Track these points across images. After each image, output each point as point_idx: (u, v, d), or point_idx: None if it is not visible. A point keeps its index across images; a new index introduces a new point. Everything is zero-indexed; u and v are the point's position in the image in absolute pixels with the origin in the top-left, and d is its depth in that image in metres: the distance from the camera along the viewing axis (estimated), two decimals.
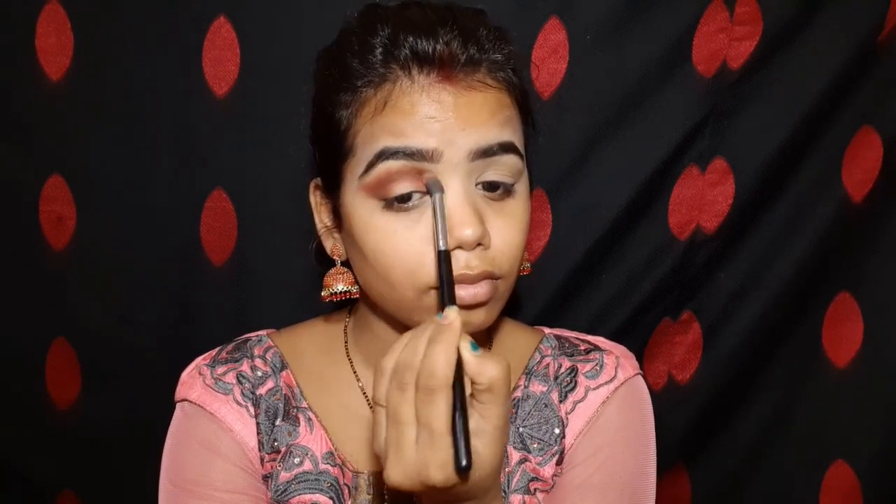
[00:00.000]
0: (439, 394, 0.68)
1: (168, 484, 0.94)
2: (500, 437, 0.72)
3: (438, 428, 0.68)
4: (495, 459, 0.72)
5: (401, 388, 0.70)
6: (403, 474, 0.70)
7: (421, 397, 0.69)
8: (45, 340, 1.26)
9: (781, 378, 1.29)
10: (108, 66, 1.19)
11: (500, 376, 0.70)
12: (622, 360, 1.01)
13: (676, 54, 1.20)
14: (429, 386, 0.68)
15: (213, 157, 1.21)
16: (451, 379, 0.69)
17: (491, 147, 0.83)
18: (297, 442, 0.95)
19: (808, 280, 1.25)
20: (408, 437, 0.70)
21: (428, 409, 0.68)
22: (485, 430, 0.70)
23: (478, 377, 0.70)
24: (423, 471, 0.68)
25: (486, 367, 0.70)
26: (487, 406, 0.70)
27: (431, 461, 0.68)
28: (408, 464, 0.69)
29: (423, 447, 0.69)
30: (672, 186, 1.24)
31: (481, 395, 0.70)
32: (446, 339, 0.70)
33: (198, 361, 1.00)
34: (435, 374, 0.68)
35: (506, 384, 0.71)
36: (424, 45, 0.82)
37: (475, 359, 0.70)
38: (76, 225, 1.22)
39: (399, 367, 0.71)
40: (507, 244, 0.85)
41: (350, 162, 0.86)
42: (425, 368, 0.69)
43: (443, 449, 0.68)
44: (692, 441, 1.31)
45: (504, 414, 0.71)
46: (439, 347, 0.69)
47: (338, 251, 0.94)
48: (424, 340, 0.71)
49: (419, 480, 0.69)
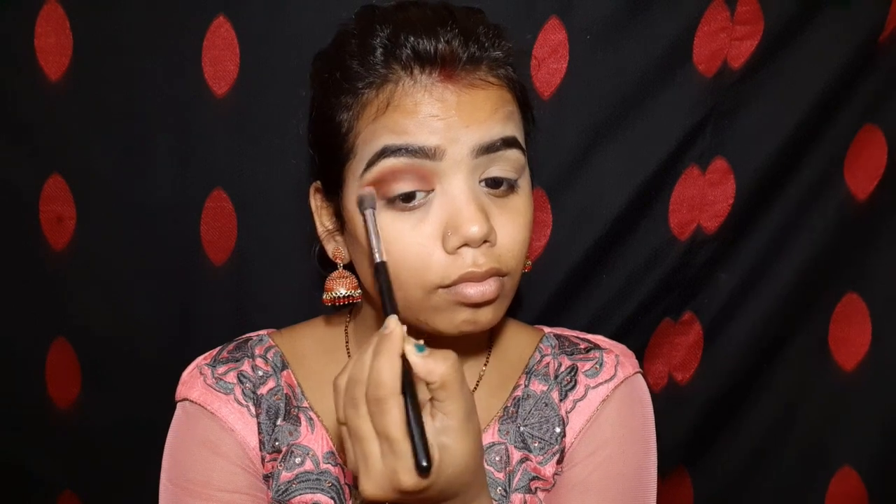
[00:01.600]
0: (389, 402, 0.69)
1: (168, 483, 0.94)
2: (468, 429, 0.73)
3: (395, 435, 0.69)
4: (468, 453, 0.73)
5: (354, 404, 0.72)
6: (376, 486, 0.71)
7: (372, 409, 0.70)
8: (45, 340, 1.25)
9: (785, 380, 1.28)
10: (107, 66, 1.19)
11: (449, 370, 0.71)
12: (622, 358, 1.01)
13: (677, 54, 1.20)
14: (377, 396, 0.70)
15: (213, 157, 1.21)
16: (399, 386, 0.70)
17: (494, 143, 0.84)
18: (299, 442, 0.95)
19: (810, 280, 1.25)
20: (372, 451, 0.71)
21: (381, 420, 0.70)
22: (450, 426, 0.72)
23: (428, 376, 0.71)
24: (394, 479, 0.70)
25: (435, 364, 0.71)
26: (445, 402, 0.72)
27: (398, 468, 0.69)
28: (377, 476, 0.71)
29: (387, 457, 0.70)
30: (672, 186, 1.23)
31: (437, 393, 0.72)
32: (388, 348, 0.72)
33: (198, 361, 1.00)
34: (381, 383, 0.70)
35: (456, 377, 0.72)
36: (426, 44, 0.82)
37: (422, 359, 0.72)
38: (76, 225, 1.22)
39: (349, 384, 0.73)
40: (512, 240, 0.86)
41: (351, 163, 0.86)
42: (371, 380, 0.70)
43: (405, 455, 0.69)
44: (694, 443, 1.31)
45: (464, 406, 0.72)
46: (382, 357, 0.71)
47: (340, 255, 0.94)
48: (370, 354, 0.72)
49: (392, 489, 0.71)
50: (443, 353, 0.72)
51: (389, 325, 0.74)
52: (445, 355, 0.72)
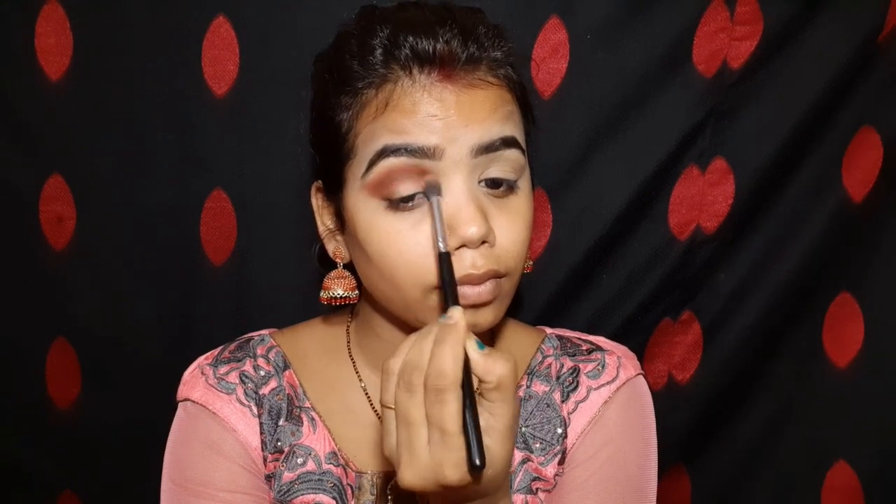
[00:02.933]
0: (449, 394, 0.68)
1: (170, 483, 0.94)
2: (510, 434, 0.72)
3: (450, 428, 0.68)
4: (506, 457, 0.72)
5: (409, 389, 0.71)
6: (418, 476, 0.70)
7: (430, 398, 0.69)
8: (45, 340, 1.25)
9: (782, 378, 1.29)
10: (107, 66, 1.19)
11: (508, 374, 0.71)
12: (624, 360, 1.01)
13: (677, 54, 1.20)
14: (438, 386, 0.69)
15: (213, 157, 1.21)
16: (460, 378, 0.69)
17: (493, 142, 0.84)
18: (301, 442, 0.95)
19: (808, 280, 1.25)
20: (420, 439, 0.70)
21: (439, 410, 0.69)
22: (495, 427, 0.71)
23: (486, 375, 0.70)
24: (438, 471, 0.69)
25: (494, 364, 0.70)
26: (496, 404, 0.71)
27: (446, 461, 0.68)
28: (422, 465, 0.70)
29: (436, 448, 0.69)
30: (672, 186, 1.24)
31: (490, 394, 0.71)
32: (453, 339, 0.70)
33: (200, 361, 1.00)
34: (443, 374, 0.68)
35: (513, 381, 0.71)
36: (425, 44, 0.82)
37: (482, 357, 0.71)
38: (76, 225, 1.22)
39: (406, 368, 0.71)
40: (511, 241, 0.85)
41: (351, 163, 0.86)
42: (433, 369, 0.69)
43: (456, 448, 0.68)
44: (692, 441, 1.32)
45: (513, 411, 0.72)
46: (446, 347, 0.69)
47: (340, 254, 0.94)
48: (430, 341, 0.71)
49: (434, 481, 0.70)
50: (504, 355, 0.71)
51: (454, 316, 0.72)
52: (506, 357, 0.71)
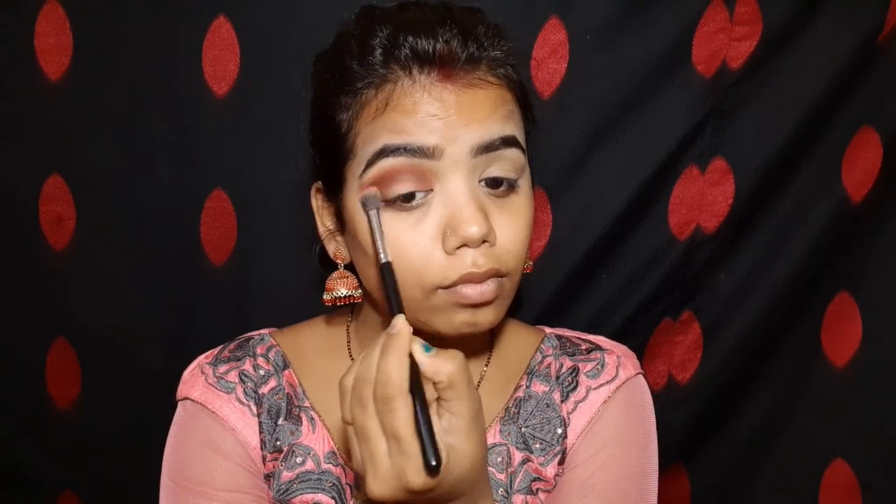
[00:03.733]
0: (397, 401, 0.69)
1: (170, 483, 0.94)
2: (474, 429, 0.73)
3: (403, 434, 0.69)
4: (474, 453, 0.73)
5: (361, 404, 0.72)
6: (384, 486, 0.71)
7: (381, 408, 0.70)
8: (45, 340, 1.25)
9: (781, 377, 1.29)
10: (107, 66, 1.18)
11: (456, 369, 0.71)
12: (623, 359, 1.01)
13: (676, 54, 1.20)
14: (385, 395, 0.70)
15: (213, 158, 1.21)
16: (407, 384, 0.70)
17: (493, 142, 0.84)
18: (300, 441, 0.95)
19: (807, 280, 1.25)
20: (379, 451, 0.71)
21: (390, 419, 0.70)
22: (457, 425, 0.72)
23: (435, 376, 0.72)
24: (402, 478, 0.70)
25: (443, 364, 0.72)
26: (453, 402, 0.72)
27: (406, 468, 0.69)
28: (385, 476, 0.71)
29: (395, 456, 0.70)
30: (672, 186, 1.24)
31: (444, 393, 0.72)
32: (396, 347, 0.71)
33: (199, 360, 1.00)
34: (389, 382, 0.70)
35: (463, 376, 0.72)
36: (424, 44, 0.82)
37: (429, 359, 0.72)
38: (76, 225, 1.22)
39: (357, 383, 0.73)
40: (512, 241, 0.85)
41: (351, 163, 0.86)
42: (380, 379, 0.70)
43: (413, 453, 0.69)
44: (692, 441, 1.32)
45: (471, 406, 0.72)
46: (391, 356, 0.71)
47: (341, 255, 0.94)
48: (377, 354, 0.72)
49: (400, 489, 0.70)
50: (450, 353, 0.73)
51: (397, 325, 0.74)
52: (453, 355, 0.72)
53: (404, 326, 0.73)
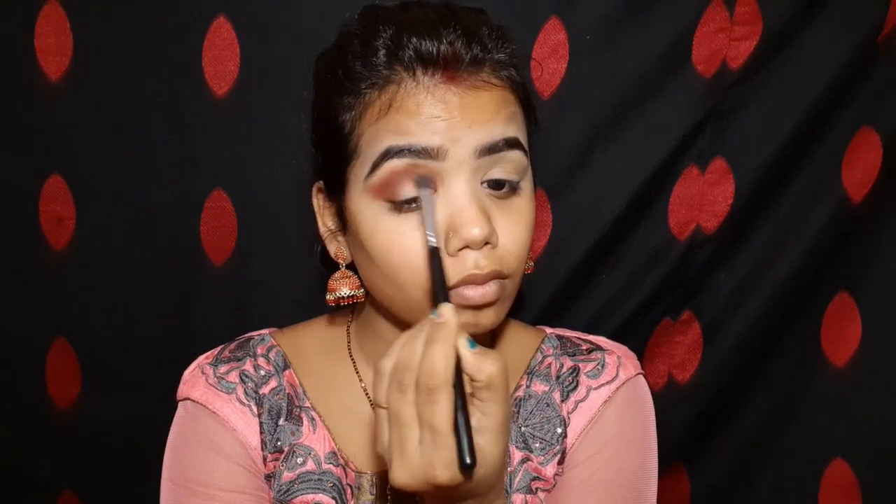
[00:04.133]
0: (440, 393, 0.68)
1: (170, 483, 0.94)
2: (503, 433, 0.72)
3: (441, 427, 0.68)
4: (499, 456, 0.72)
5: (401, 389, 0.71)
6: (409, 475, 0.70)
7: (422, 398, 0.69)
8: (45, 340, 1.25)
9: (781, 377, 1.29)
10: (107, 66, 1.19)
11: (498, 372, 0.70)
12: (624, 359, 1.01)
13: (676, 54, 1.20)
14: (429, 386, 0.68)
15: (213, 157, 1.21)
16: (452, 378, 0.69)
17: (496, 143, 0.84)
18: (300, 442, 0.95)
19: (807, 280, 1.25)
20: (411, 439, 0.70)
21: (430, 409, 0.68)
22: (487, 427, 0.71)
23: (476, 374, 0.70)
24: (429, 471, 0.69)
25: (484, 363, 0.70)
26: (487, 403, 0.71)
27: (436, 461, 0.68)
28: (413, 465, 0.69)
29: (427, 447, 0.69)
30: (672, 186, 1.24)
31: (480, 393, 0.71)
32: (444, 338, 0.70)
33: (200, 360, 1.00)
34: (435, 373, 0.68)
35: (504, 380, 0.71)
36: (428, 45, 0.82)
37: (473, 356, 0.71)
38: (76, 225, 1.22)
39: (398, 368, 0.71)
40: (513, 242, 0.85)
41: (354, 164, 0.86)
42: (425, 368, 0.69)
43: (447, 448, 0.68)
44: (692, 440, 1.32)
45: (505, 410, 0.72)
46: (438, 346, 0.69)
47: (342, 254, 0.94)
48: (422, 340, 0.71)
49: (425, 480, 0.69)
50: (494, 354, 0.71)
51: (445, 314, 0.72)
52: (496, 356, 0.71)
53: (453, 317, 0.72)
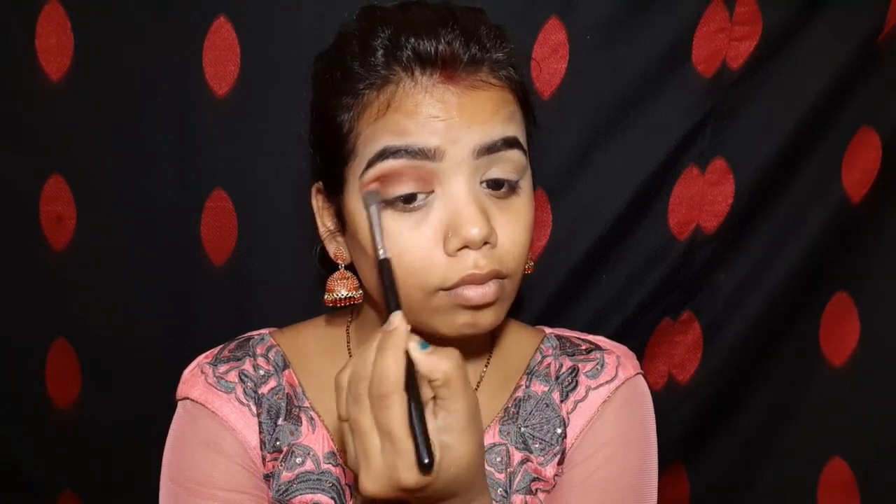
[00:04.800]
0: (392, 398, 0.69)
1: (169, 483, 0.94)
2: (471, 429, 0.72)
3: (397, 431, 0.69)
4: (470, 453, 0.72)
5: (356, 400, 0.72)
6: (376, 483, 0.71)
7: (375, 405, 0.70)
8: (45, 340, 1.25)
9: (780, 377, 1.29)
10: (108, 66, 1.18)
11: (453, 368, 0.71)
12: (623, 359, 1.01)
13: (676, 54, 1.20)
14: (381, 392, 0.70)
15: (213, 157, 1.21)
16: (402, 382, 0.70)
17: (495, 143, 0.84)
18: (300, 441, 0.95)
19: (806, 280, 1.25)
20: (373, 447, 0.71)
21: (384, 415, 0.69)
22: (452, 425, 0.71)
23: (431, 374, 0.71)
24: (394, 476, 0.69)
25: (439, 362, 0.71)
26: (448, 400, 0.71)
27: (399, 465, 0.69)
28: (378, 472, 0.70)
29: (388, 453, 0.70)
30: (672, 186, 1.24)
31: (440, 391, 0.71)
32: (393, 344, 0.71)
33: (199, 360, 1.00)
34: (385, 379, 0.69)
35: (460, 375, 0.72)
36: (426, 45, 0.82)
37: (426, 357, 0.72)
38: (76, 225, 1.22)
39: (353, 379, 0.73)
40: (513, 242, 0.85)
41: (352, 164, 0.86)
42: (375, 376, 0.70)
43: (406, 451, 0.69)
44: (691, 440, 1.32)
45: (468, 405, 0.72)
46: (387, 353, 0.71)
47: (341, 255, 0.94)
48: (373, 351, 0.72)
49: (392, 486, 0.70)
50: (447, 351, 0.72)
51: (394, 322, 0.73)
52: (449, 353, 0.72)
53: (401, 323, 0.73)
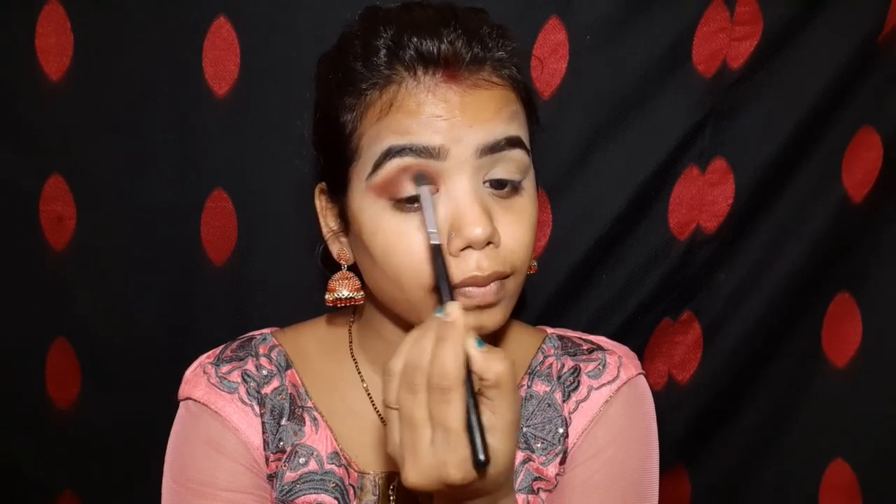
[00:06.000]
0: (453, 393, 0.68)
1: (172, 483, 0.94)
2: (513, 431, 0.72)
3: (454, 427, 0.68)
4: (509, 454, 0.73)
5: (412, 390, 0.71)
6: (422, 475, 0.70)
7: (434, 398, 0.69)
8: (45, 340, 1.25)
9: (781, 377, 1.29)
10: (108, 66, 1.19)
11: (506, 371, 0.71)
12: (625, 359, 1.01)
13: (676, 54, 1.20)
14: (441, 386, 0.69)
15: (213, 157, 1.21)
16: (463, 377, 0.69)
17: (498, 142, 0.84)
18: (303, 442, 0.95)
19: (807, 280, 1.25)
20: (424, 439, 0.70)
21: (442, 409, 0.69)
22: (497, 425, 0.71)
23: (485, 373, 0.70)
24: (442, 470, 0.69)
25: (493, 362, 0.70)
26: (496, 402, 0.71)
27: (450, 460, 0.69)
28: (425, 465, 0.70)
29: (440, 447, 0.69)
30: (672, 186, 1.24)
31: (489, 391, 0.71)
32: (453, 337, 0.70)
33: (202, 359, 0.99)
34: (446, 373, 0.68)
35: (512, 378, 0.71)
36: (429, 45, 0.82)
37: (482, 355, 0.71)
38: (76, 225, 1.22)
39: (408, 368, 0.71)
40: (516, 242, 0.85)
41: (356, 164, 0.86)
42: (436, 368, 0.69)
43: (460, 447, 0.68)
44: (692, 441, 1.32)
45: (514, 408, 0.72)
46: (447, 346, 0.69)
47: (344, 255, 0.94)
48: (430, 340, 0.71)
49: (438, 480, 0.70)
50: (501, 353, 0.71)
51: (452, 313, 0.71)
52: (504, 355, 0.71)
53: (461, 316, 0.71)
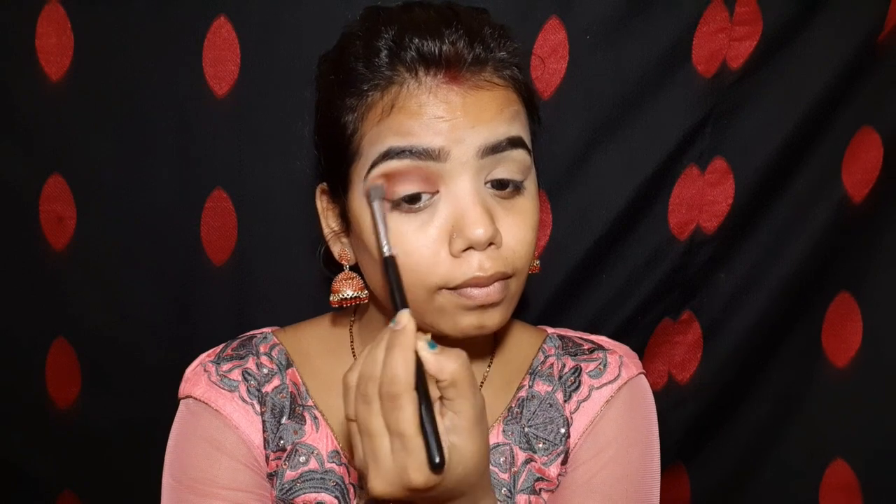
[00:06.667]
0: (403, 398, 0.69)
1: (172, 481, 0.94)
2: (477, 429, 0.73)
3: (408, 431, 0.69)
4: (477, 453, 0.73)
5: (366, 400, 0.72)
6: (385, 483, 0.71)
7: (386, 405, 0.70)
8: (45, 340, 1.25)
9: (781, 377, 1.29)
10: (108, 66, 1.18)
11: (460, 368, 0.71)
12: (625, 359, 1.01)
13: (676, 54, 1.20)
14: (391, 393, 0.70)
15: (213, 157, 1.21)
16: (413, 382, 0.70)
17: (500, 143, 0.84)
18: (303, 440, 0.95)
19: (807, 280, 1.25)
20: (382, 448, 0.71)
21: (395, 416, 0.70)
22: (459, 425, 0.72)
23: (439, 374, 0.71)
24: (404, 476, 0.70)
25: (446, 362, 0.71)
26: (455, 401, 0.72)
27: (409, 465, 0.69)
28: (387, 472, 0.71)
29: (398, 453, 0.70)
30: (672, 186, 1.24)
31: (447, 391, 0.72)
32: (402, 344, 0.71)
33: (202, 358, 1.00)
34: (395, 379, 0.70)
35: (467, 375, 0.72)
36: (430, 46, 0.82)
37: (433, 356, 0.72)
38: (76, 225, 1.22)
39: (361, 380, 0.73)
40: (518, 242, 0.85)
41: (357, 165, 0.86)
42: (386, 376, 0.70)
43: (416, 451, 0.69)
44: (692, 440, 1.32)
45: (474, 405, 0.72)
46: (396, 352, 0.71)
47: (346, 256, 0.94)
48: (382, 350, 0.72)
49: (402, 486, 0.70)
50: (454, 351, 0.72)
51: (402, 321, 0.73)
52: (457, 353, 0.72)
53: (409, 322, 0.73)
